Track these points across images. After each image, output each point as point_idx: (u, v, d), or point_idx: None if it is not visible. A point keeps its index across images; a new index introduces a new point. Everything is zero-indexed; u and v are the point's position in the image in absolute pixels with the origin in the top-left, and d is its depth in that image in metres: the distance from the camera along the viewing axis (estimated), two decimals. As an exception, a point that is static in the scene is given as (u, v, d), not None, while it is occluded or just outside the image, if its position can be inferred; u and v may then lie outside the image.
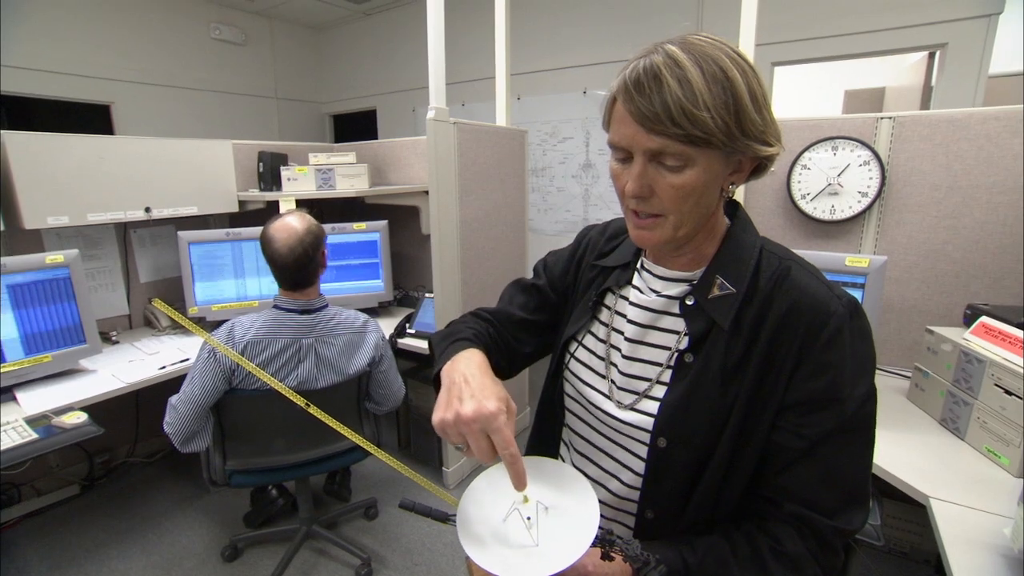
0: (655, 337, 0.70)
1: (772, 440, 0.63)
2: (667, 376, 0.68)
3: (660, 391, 0.68)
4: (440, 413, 0.60)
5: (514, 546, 0.59)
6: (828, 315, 0.61)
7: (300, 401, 0.75)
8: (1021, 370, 1.14)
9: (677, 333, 0.68)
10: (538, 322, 0.87)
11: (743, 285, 0.64)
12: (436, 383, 0.70)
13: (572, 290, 0.85)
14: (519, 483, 0.58)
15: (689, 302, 0.67)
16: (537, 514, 0.61)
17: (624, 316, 0.74)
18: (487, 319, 0.86)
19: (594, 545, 0.57)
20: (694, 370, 0.65)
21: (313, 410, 0.72)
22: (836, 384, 0.60)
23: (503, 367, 0.83)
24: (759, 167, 0.64)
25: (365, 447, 0.70)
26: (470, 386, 0.61)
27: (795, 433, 0.62)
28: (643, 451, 0.69)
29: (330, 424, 0.71)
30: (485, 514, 0.62)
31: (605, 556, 0.60)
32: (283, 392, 0.75)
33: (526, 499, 0.61)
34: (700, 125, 0.54)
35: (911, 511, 1.55)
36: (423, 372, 2.57)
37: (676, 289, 0.69)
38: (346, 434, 0.72)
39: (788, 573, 0.62)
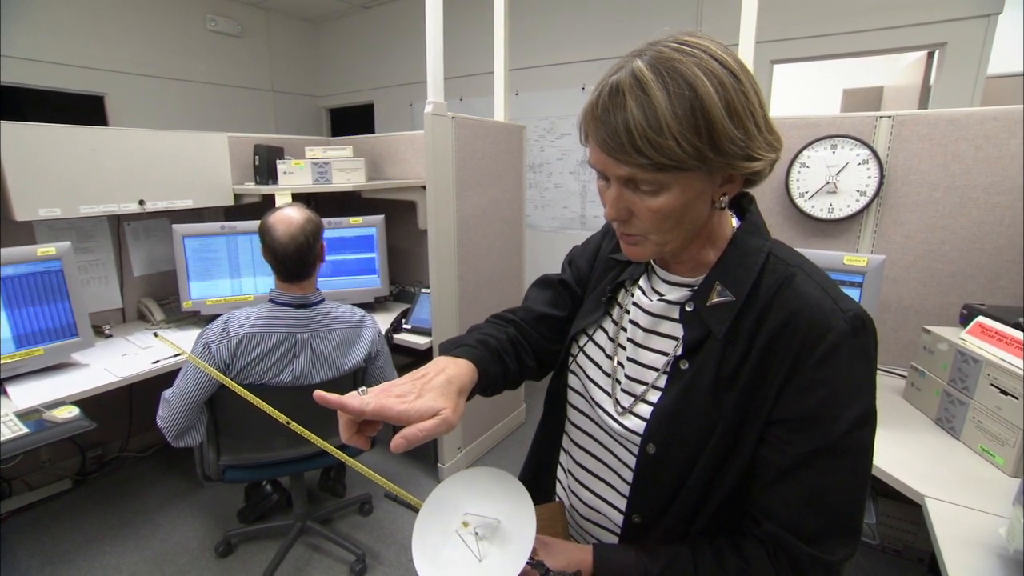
0: (656, 342, 0.69)
1: (759, 454, 0.62)
2: (663, 382, 0.67)
3: (655, 396, 0.67)
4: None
5: (459, 561, 0.61)
6: (827, 329, 0.57)
7: (281, 419, 0.76)
8: (1017, 370, 1.15)
9: (676, 339, 0.67)
10: (564, 317, 0.85)
11: (743, 292, 0.62)
12: None
13: (590, 281, 0.84)
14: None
15: (689, 308, 0.66)
16: (476, 533, 0.63)
17: (630, 316, 0.73)
18: (510, 320, 0.85)
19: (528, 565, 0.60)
20: (687, 377, 0.64)
21: (294, 426, 0.72)
22: (827, 403, 0.58)
23: (531, 367, 0.83)
24: (752, 178, 0.62)
25: (336, 455, 0.71)
26: (422, 382, 0.63)
27: (780, 450, 0.60)
28: (635, 454, 0.68)
29: (309, 438, 0.71)
30: (442, 524, 0.65)
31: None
32: (265, 409, 0.75)
33: (465, 524, 0.63)
34: (666, 153, 0.52)
35: (906, 510, 1.56)
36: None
37: (678, 294, 0.68)
38: (319, 444, 0.72)
39: None
